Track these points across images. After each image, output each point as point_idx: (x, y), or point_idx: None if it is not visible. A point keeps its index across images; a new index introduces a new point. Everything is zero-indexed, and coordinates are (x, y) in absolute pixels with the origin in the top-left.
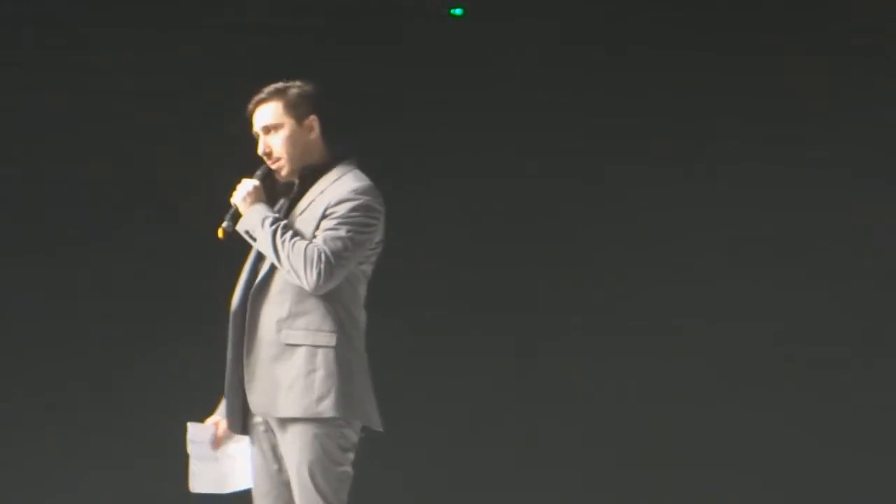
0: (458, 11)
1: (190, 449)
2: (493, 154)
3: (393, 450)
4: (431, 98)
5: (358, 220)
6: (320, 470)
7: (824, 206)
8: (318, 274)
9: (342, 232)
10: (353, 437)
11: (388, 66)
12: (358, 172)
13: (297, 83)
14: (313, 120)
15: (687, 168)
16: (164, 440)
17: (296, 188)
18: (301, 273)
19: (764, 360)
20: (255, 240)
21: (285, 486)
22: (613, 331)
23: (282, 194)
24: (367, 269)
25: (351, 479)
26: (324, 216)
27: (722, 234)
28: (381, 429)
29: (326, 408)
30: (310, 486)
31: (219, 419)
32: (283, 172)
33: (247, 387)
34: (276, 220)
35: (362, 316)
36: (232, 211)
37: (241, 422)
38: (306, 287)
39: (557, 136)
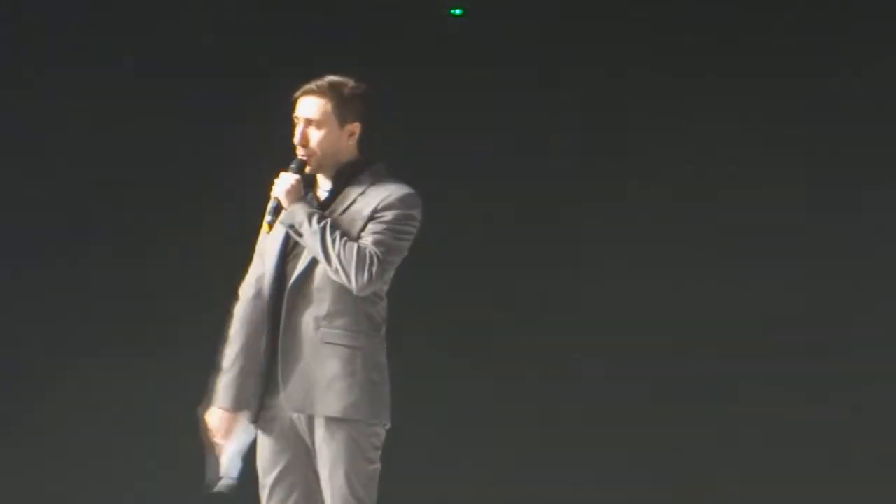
0: (457, 11)
1: (211, 438)
2: (492, 154)
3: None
4: (431, 98)
5: (403, 229)
6: (355, 469)
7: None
8: (370, 275)
9: (390, 238)
10: (383, 435)
11: (389, 66)
12: (396, 179)
13: (352, 83)
14: (356, 126)
15: (690, 169)
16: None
17: (331, 185)
18: (351, 273)
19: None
20: (300, 235)
21: (301, 473)
22: (616, 331)
23: (307, 186)
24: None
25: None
26: (371, 219)
27: (720, 234)
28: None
29: (366, 410)
30: (344, 485)
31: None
32: (311, 166)
33: (281, 383)
34: (322, 217)
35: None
36: (274, 204)
37: (265, 414)
38: (352, 287)
39: (557, 136)
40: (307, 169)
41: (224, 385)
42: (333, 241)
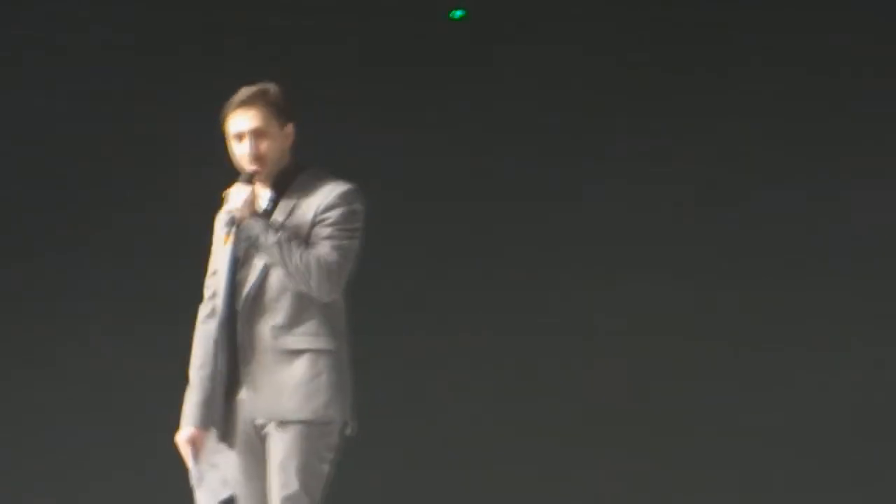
0: (458, 13)
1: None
2: (491, 154)
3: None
4: (431, 98)
5: (350, 227)
6: (308, 468)
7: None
8: (332, 283)
9: (342, 241)
10: (337, 437)
11: (388, 66)
12: (333, 177)
13: (275, 86)
14: (291, 128)
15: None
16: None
17: (271, 194)
18: (313, 283)
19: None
20: (258, 248)
21: (263, 487)
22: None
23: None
24: None
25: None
26: (316, 222)
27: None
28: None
29: (334, 411)
30: (295, 482)
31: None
32: (262, 176)
33: (246, 394)
34: (278, 228)
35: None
36: (230, 217)
37: (230, 430)
38: (316, 295)
39: (557, 136)
40: (262, 180)
41: (191, 405)
42: (291, 252)
